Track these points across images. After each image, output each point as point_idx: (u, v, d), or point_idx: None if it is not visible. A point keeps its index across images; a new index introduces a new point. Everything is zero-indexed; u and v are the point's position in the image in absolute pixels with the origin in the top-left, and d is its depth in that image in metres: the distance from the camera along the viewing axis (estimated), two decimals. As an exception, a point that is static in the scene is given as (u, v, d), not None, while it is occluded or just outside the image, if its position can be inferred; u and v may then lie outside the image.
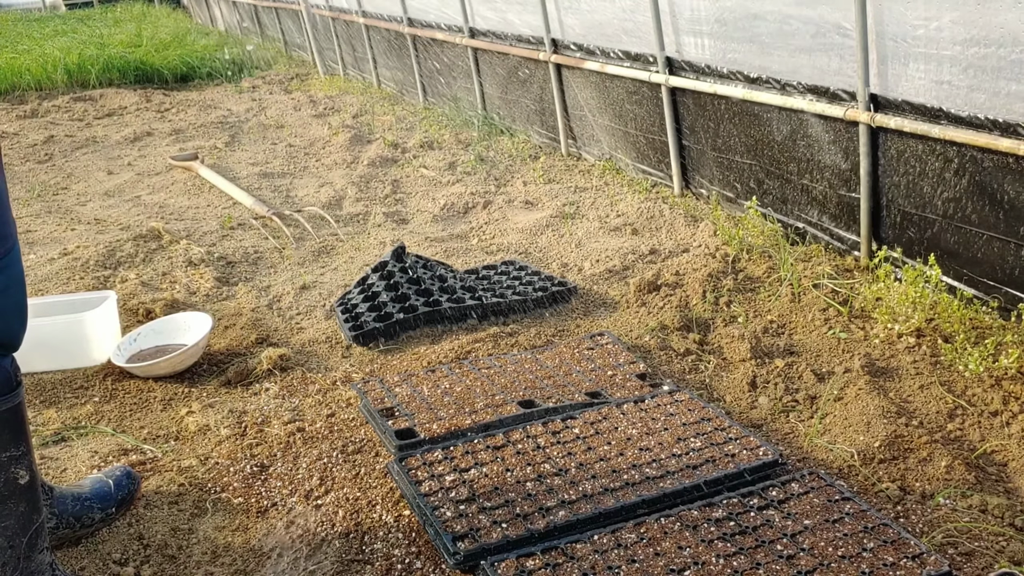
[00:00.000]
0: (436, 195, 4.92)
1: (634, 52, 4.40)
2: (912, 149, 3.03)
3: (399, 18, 7.14)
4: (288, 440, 2.56)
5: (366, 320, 3.17)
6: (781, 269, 3.36)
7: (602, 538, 1.95)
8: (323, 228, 4.51)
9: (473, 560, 1.92)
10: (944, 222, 2.99)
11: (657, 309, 3.25)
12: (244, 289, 3.73)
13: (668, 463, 2.23)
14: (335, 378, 2.90)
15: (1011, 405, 2.42)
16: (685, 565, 1.86)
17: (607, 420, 2.45)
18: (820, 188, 3.52)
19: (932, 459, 2.24)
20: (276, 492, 2.33)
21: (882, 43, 2.95)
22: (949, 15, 2.68)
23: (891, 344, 2.82)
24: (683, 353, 2.93)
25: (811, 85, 3.35)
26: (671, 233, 4.00)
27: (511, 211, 4.59)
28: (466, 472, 2.22)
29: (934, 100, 2.84)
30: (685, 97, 4.19)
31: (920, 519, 2.07)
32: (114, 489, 2.21)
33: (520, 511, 2.06)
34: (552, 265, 3.80)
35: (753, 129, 3.78)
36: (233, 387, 2.89)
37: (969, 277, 2.94)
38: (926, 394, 2.54)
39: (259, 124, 7.14)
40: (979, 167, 2.79)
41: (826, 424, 2.47)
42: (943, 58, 2.76)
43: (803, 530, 1.95)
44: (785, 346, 2.93)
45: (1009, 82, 2.58)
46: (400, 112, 7.21)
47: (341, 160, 5.83)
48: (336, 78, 9.07)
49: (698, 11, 3.77)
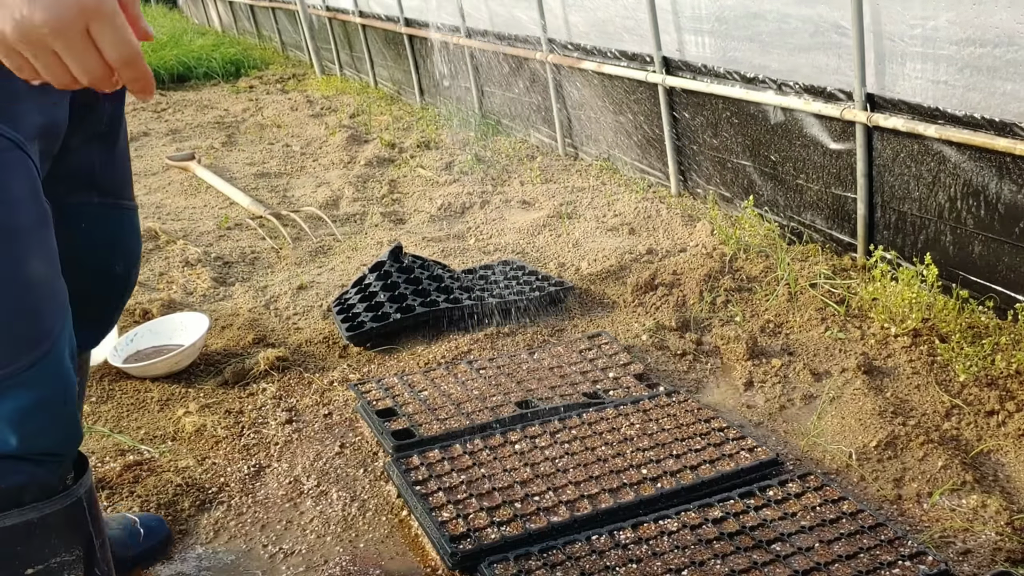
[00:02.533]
0: (433, 195, 4.92)
1: (631, 52, 4.40)
2: (908, 149, 3.03)
3: (396, 18, 7.14)
4: (285, 441, 2.56)
5: (363, 320, 3.17)
6: (778, 269, 3.37)
7: (600, 539, 1.95)
8: (320, 228, 4.51)
9: (471, 560, 1.92)
10: (940, 222, 3.00)
11: (654, 309, 3.25)
12: (241, 289, 3.72)
13: (666, 463, 2.23)
14: (332, 378, 2.90)
15: (1007, 405, 2.43)
16: (683, 565, 1.86)
17: (605, 420, 2.45)
18: (817, 188, 3.53)
19: (929, 459, 2.25)
20: (273, 493, 2.33)
21: (879, 42, 2.96)
22: (945, 15, 2.69)
23: (888, 344, 2.82)
24: (680, 353, 2.93)
25: (808, 85, 3.36)
26: (668, 233, 4.01)
27: (508, 211, 4.59)
28: (464, 473, 2.22)
29: (931, 100, 2.85)
30: (682, 97, 4.19)
31: (917, 518, 2.07)
32: (142, 538, 2.06)
33: (518, 511, 2.06)
34: (549, 265, 3.80)
35: (750, 129, 3.79)
36: (230, 387, 2.89)
37: (965, 277, 2.95)
38: (922, 394, 2.55)
39: (256, 124, 7.13)
40: (975, 167, 2.79)
41: (823, 424, 2.48)
42: (940, 57, 2.76)
43: (801, 530, 1.96)
44: (782, 346, 2.93)
45: (1005, 82, 2.58)
46: (397, 112, 7.21)
47: (338, 160, 5.83)
48: (333, 78, 9.06)
49: (699, 9, 3.77)
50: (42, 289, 1.26)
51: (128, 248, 1.66)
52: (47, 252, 1.26)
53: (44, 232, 1.26)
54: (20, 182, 1.21)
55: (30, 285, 1.23)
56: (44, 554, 1.34)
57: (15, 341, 1.23)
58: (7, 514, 1.30)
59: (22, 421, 1.25)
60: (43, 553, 1.34)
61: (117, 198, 1.59)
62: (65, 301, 1.31)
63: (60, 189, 1.47)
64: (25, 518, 1.31)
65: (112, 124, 1.51)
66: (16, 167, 1.20)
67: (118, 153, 1.56)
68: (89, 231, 1.55)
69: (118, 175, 1.58)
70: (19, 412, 1.24)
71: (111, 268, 1.62)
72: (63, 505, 1.34)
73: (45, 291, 1.26)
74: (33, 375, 1.25)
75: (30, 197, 1.23)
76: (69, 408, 1.31)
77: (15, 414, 1.24)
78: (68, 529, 1.36)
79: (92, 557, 1.40)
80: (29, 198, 1.22)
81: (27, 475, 1.30)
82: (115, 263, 1.63)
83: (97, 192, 1.53)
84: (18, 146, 1.21)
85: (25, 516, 1.31)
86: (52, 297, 1.28)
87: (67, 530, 1.36)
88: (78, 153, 1.47)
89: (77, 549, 1.38)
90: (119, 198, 1.59)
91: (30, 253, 1.23)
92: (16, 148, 1.21)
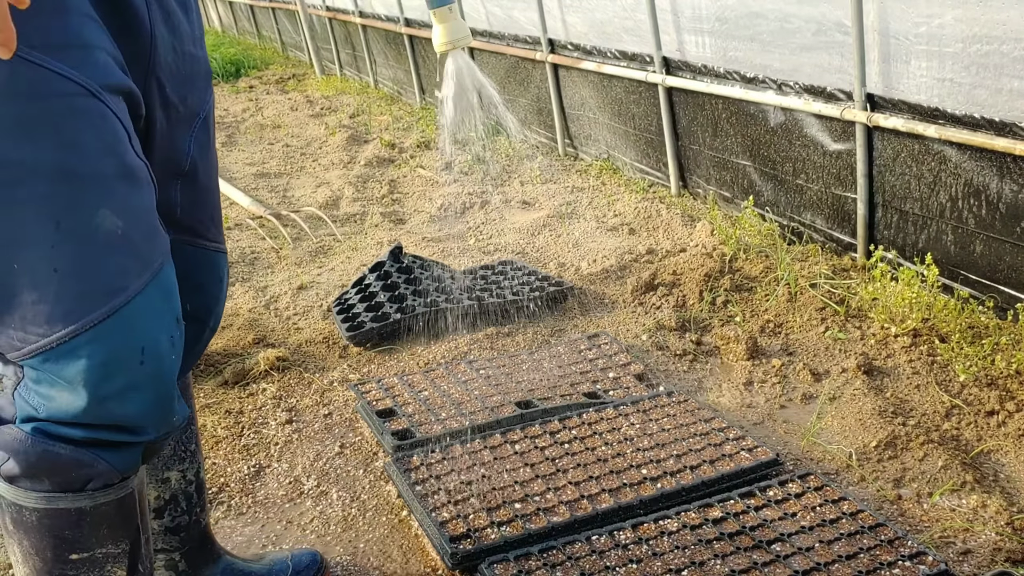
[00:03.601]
0: (433, 195, 4.92)
1: (631, 52, 4.40)
2: (908, 149, 3.03)
3: (396, 18, 7.14)
4: (285, 441, 2.56)
5: (363, 320, 3.17)
6: (778, 269, 3.37)
7: (600, 539, 1.95)
8: (320, 228, 4.51)
9: (471, 561, 1.92)
10: (941, 222, 3.00)
11: (654, 309, 3.25)
12: (241, 289, 3.72)
13: (666, 463, 2.23)
14: (332, 379, 2.90)
15: (1007, 405, 2.43)
16: (683, 565, 1.86)
17: (605, 421, 2.45)
18: (817, 188, 3.53)
19: (929, 459, 2.25)
20: (273, 493, 2.33)
21: (885, 40, 2.95)
22: (952, 12, 2.68)
23: (888, 344, 2.82)
24: (680, 353, 2.93)
25: (808, 85, 3.36)
26: (668, 233, 4.01)
27: (508, 211, 4.59)
28: (464, 473, 2.22)
29: (936, 98, 2.84)
30: (682, 97, 4.19)
31: (917, 518, 2.07)
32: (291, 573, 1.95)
33: (518, 512, 2.06)
34: (549, 265, 3.80)
35: (750, 129, 3.79)
36: (230, 388, 2.89)
37: (966, 277, 2.95)
38: (923, 394, 2.55)
39: (256, 124, 7.13)
40: (976, 166, 2.79)
41: (823, 424, 2.48)
42: (945, 55, 2.76)
43: (801, 530, 1.95)
44: (782, 346, 2.93)
45: (1011, 79, 2.58)
46: (397, 112, 7.21)
47: (338, 160, 5.83)
48: (333, 78, 9.07)
49: (699, 9, 3.77)
50: (113, 241, 1.20)
51: (201, 287, 1.57)
52: (124, 205, 1.21)
53: (124, 185, 1.21)
54: (93, 131, 1.17)
55: (96, 236, 1.18)
56: (91, 543, 1.32)
57: (82, 295, 1.18)
58: (59, 496, 1.27)
59: (96, 382, 1.20)
60: (90, 542, 1.32)
61: (195, 236, 1.54)
62: (153, 260, 1.26)
63: None
64: (77, 504, 1.28)
65: (193, 165, 1.48)
66: (88, 115, 1.17)
67: (199, 192, 1.52)
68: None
69: (199, 215, 1.54)
70: (91, 371, 1.19)
71: (182, 305, 1.56)
72: (117, 496, 1.31)
73: (118, 244, 1.20)
74: (103, 330, 1.19)
75: (105, 147, 1.19)
76: (147, 372, 1.24)
77: (87, 373, 1.19)
78: (118, 521, 1.34)
79: (137, 553, 1.38)
80: (104, 148, 1.19)
81: (92, 465, 1.25)
82: (185, 301, 1.53)
83: (175, 229, 1.48)
84: (93, 94, 1.18)
85: (78, 502, 1.28)
86: (129, 252, 1.22)
87: (117, 522, 1.33)
88: (159, 189, 1.43)
89: (124, 543, 1.35)
90: (197, 236, 1.54)
91: (101, 203, 1.18)
92: (90, 96, 1.17)
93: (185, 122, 1.46)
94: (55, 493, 1.27)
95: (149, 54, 1.33)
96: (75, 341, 1.18)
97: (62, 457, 1.24)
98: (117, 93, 1.24)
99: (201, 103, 1.49)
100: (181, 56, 1.40)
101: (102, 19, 1.24)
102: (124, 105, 1.25)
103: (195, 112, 1.47)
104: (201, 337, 1.62)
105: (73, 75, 1.16)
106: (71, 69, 1.16)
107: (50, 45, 1.15)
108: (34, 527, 1.29)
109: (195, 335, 1.59)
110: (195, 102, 1.47)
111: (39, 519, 1.29)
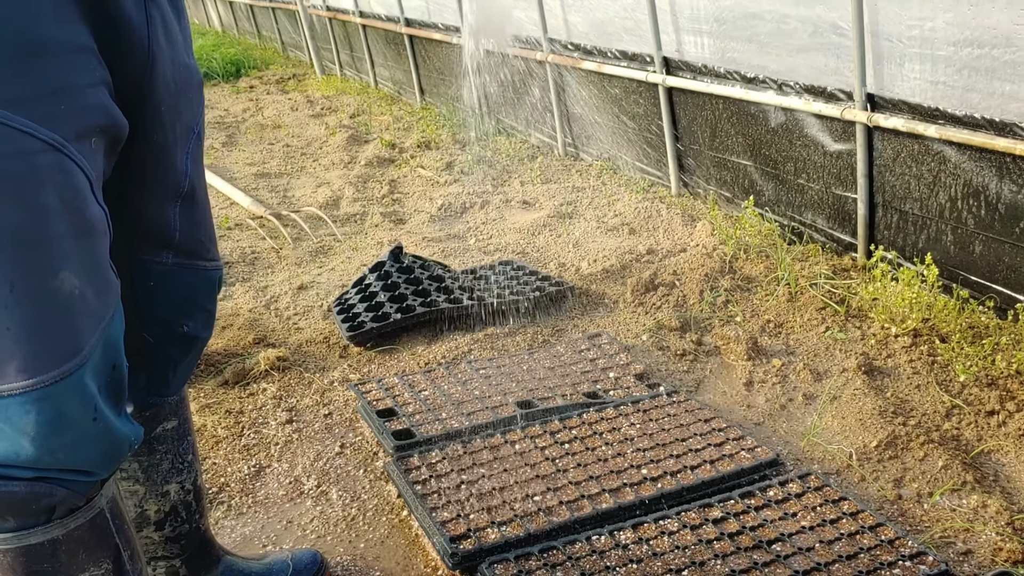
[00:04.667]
0: (433, 195, 4.92)
1: (631, 52, 4.40)
2: (908, 149, 3.03)
3: (396, 18, 7.14)
4: (286, 441, 2.56)
5: (364, 320, 3.17)
6: (778, 269, 3.37)
7: (600, 539, 1.96)
8: (320, 228, 4.51)
9: (471, 561, 1.92)
10: (941, 222, 3.00)
11: (654, 309, 3.25)
12: (241, 289, 3.72)
13: (666, 463, 2.23)
14: (333, 379, 2.90)
15: (1007, 405, 2.43)
16: (684, 565, 1.86)
17: (605, 421, 2.45)
18: (817, 188, 3.53)
19: (929, 459, 2.25)
20: (273, 493, 2.33)
21: (878, 43, 2.95)
22: (943, 16, 2.69)
23: (888, 344, 2.82)
24: (681, 353, 2.93)
25: (808, 85, 3.36)
26: (668, 233, 4.01)
27: (508, 211, 4.59)
28: (464, 473, 2.22)
29: (930, 100, 2.85)
30: (682, 97, 4.19)
31: (918, 519, 2.07)
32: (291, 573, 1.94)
33: (518, 511, 2.06)
34: (549, 265, 3.80)
35: (750, 129, 3.79)
36: (230, 387, 2.89)
37: (966, 277, 2.95)
38: (923, 394, 2.55)
39: (256, 124, 7.13)
40: (976, 167, 2.79)
41: (823, 424, 2.48)
42: (938, 58, 2.76)
43: (801, 530, 1.96)
44: (782, 346, 2.93)
45: (1003, 83, 2.58)
46: (397, 112, 7.21)
47: (338, 160, 5.83)
48: (333, 78, 9.06)
49: (697, 10, 3.78)
50: (71, 304, 1.17)
51: (200, 307, 1.59)
52: (82, 263, 1.18)
53: (83, 242, 1.18)
54: (54, 190, 1.13)
55: (54, 299, 1.16)
56: (71, 570, 1.29)
57: (35, 354, 1.15)
58: (31, 532, 1.24)
59: (47, 435, 1.18)
60: (70, 569, 1.29)
61: (195, 259, 1.54)
62: (105, 315, 1.24)
63: (135, 245, 1.44)
64: (49, 535, 1.26)
65: (191, 185, 1.47)
66: (48, 173, 1.13)
67: (198, 212, 1.51)
68: (157, 288, 1.50)
69: (198, 235, 1.53)
70: (41, 425, 1.17)
71: (177, 326, 1.56)
72: (87, 518, 1.29)
73: (75, 306, 1.18)
74: (55, 391, 1.17)
75: (66, 206, 1.15)
76: (99, 427, 1.23)
77: (37, 428, 1.17)
78: (94, 543, 1.31)
79: (121, 569, 1.36)
80: (64, 207, 1.14)
81: (51, 495, 1.22)
82: (183, 322, 1.55)
83: (173, 252, 1.48)
84: (56, 148, 1.13)
85: (50, 533, 1.26)
86: (84, 311, 1.19)
87: (93, 544, 1.31)
88: (157, 213, 1.43)
89: (106, 562, 1.33)
90: (197, 259, 1.54)
91: (60, 264, 1.15)
92: (52, 150, 1.13)
93: (182, 139, 1.44)
94: (22, 531, 1.24)
95: (146, 71, 1.31)
96: (26, 396, 1.16)
97: (18, 494, 1.21)
98: (92, 136, 1.20)
99: (195, 117, 1.47)
100: (176, 68, 1.38)
101: (94, 34, 1.20)
102: (100, 144, 1.22)
103: (190, 127, 1.46)
104: (190, 356, 1.63)
105: (36, 131, 1.11)
106: (35, 124, 1.11)
107: (15, 99, 1.10)
108: (9, 568, 1.27)
109: (185, 353, 1.60)
110: (189, 117, 1.45)
111: (13, 559, 1.26)
